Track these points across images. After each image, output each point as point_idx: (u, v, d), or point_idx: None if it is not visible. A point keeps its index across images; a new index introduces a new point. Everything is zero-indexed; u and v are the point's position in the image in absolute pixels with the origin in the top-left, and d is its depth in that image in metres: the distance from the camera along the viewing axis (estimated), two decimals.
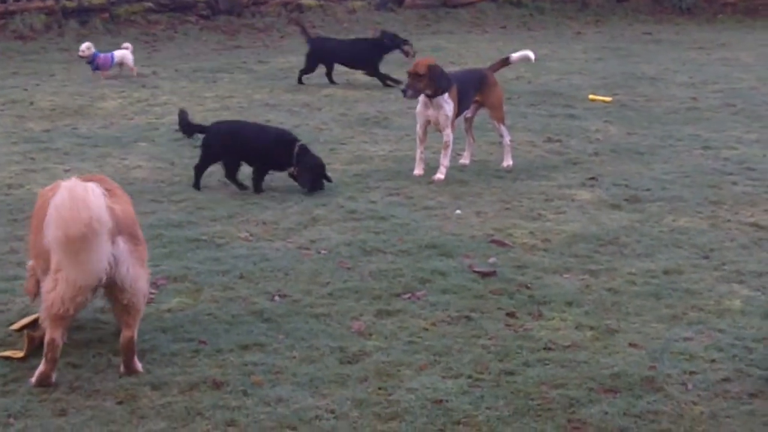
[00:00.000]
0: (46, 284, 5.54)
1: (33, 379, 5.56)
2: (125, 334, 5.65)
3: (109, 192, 5.60)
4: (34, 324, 6.17)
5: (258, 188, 9.32)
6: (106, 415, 5.18)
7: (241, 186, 9.37)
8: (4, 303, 6.73)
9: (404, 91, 9.75)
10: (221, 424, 5.10)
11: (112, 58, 15.05)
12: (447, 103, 9.70)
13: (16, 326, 6.27)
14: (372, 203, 8.98)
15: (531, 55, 10.80)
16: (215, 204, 8.89)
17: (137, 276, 5.58)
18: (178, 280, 7.07)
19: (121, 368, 5.69)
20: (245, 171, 9.42)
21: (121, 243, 5.51)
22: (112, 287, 5.56)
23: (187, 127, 9.74)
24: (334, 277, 7.19)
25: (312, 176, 9.21)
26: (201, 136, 9.65)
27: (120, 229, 5.52)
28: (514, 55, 10.68)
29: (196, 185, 9.39)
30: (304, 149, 9.32)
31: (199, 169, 9.45)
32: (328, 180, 9.32)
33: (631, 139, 11.40)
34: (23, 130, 11.57)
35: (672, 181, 9.66)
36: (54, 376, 5.56)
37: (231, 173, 9.40)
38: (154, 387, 5.50)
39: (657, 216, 8.60)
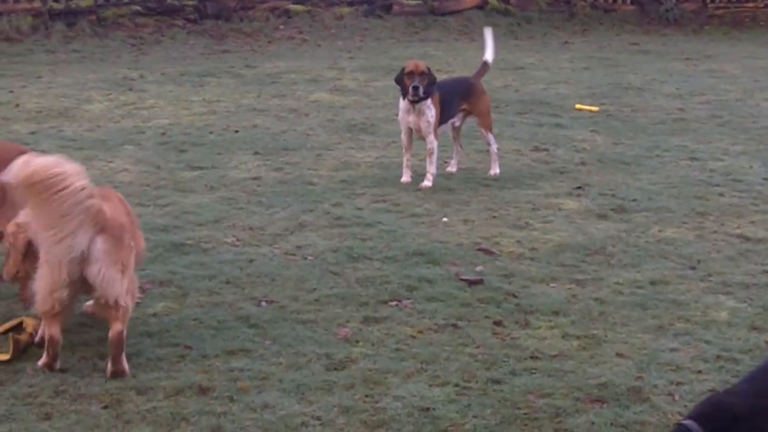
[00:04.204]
0: (34, 285, 5.66)
1: (39, 363, 5.71)
2: (115, 327, 5.66)
3: (103, 197, 5.75)
4: (18, 327, 6.14)
5: None
6: (91, 420, 5.15)
7: None
8: None
9: (416, 88, 9.57)
10: (207, 430, 5.07)
11: None
12: (429, 109, 9.69)
13: (0, 329, 6.23)
14: (359, 210, 8.96)
15: (488, 35, 10.76)
16: (201, 208, 8.86)
17: (111, 278, 5.58)
18: (164, 285, 7.03)
19: (109, 366, 5.68)
20: None
21: (99, 242, 5.53)
22: (87, 285, 5.62)
23: None
24: (321, 283, 7.17)
25: None
26: None
27: (102, 228, 5.54)
28: (488, 56, 10.62)
29: None
30: None
31: None
32: None
33: (617, 149, 11.41)
34: (8, 132, 11.51)
35: (658, 192, 9.66)
36: (58, 365, 5.68)
37: None
38: (140, 392, 5.47)
39: (643, 226, 8.61)
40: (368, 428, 5.15)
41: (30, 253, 6.04)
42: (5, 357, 5.82)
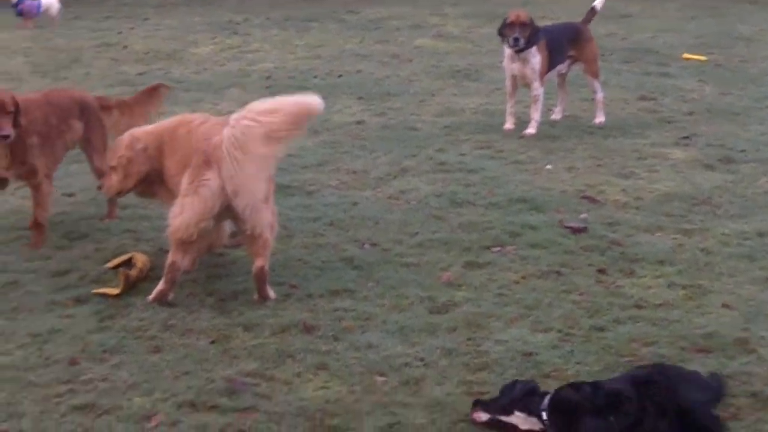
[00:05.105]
0: (173, 209, 5.75)
1: (151, 296, 5.84)
2: (257, 263, 5.85)
3: None
4: (129, 262, 6.26)
5: None
6: (200, 354, 5.25)
7: None
8: (100, 242, 6.85)
9: (516, 40, 9.52)
10: (312, 367, 5.14)
11: (39, 6, 14.86)
12: (534, 57, 9.60)
13: (110, 264, 6.37)
14: (462, 156, 8.95)
15: None
16: (305, 152, 8.92)
17: (258, 208, 5.71)
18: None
19: (255, 296, 5.89)
20: None
21: None
22: (235, 217, 5.76)
23: None
24: (424, 227, 7.19)
25: None
26: None
27: None
28: (597, 1, 10.43)
29: None
30: None
31: None
32: None
33: (726, 100, 11.21)
34: (118, 73, 11.70)
35: (767, 143, 9.47)
36: (171, 296, 5.84)
37: None
38: (246, 328, 5.55)
39: (751, 177, 8.46)
40: (470, 371, 5.16)
41: (144, 179, 6.20)
42: (115, 291, 5.95)
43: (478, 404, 4.70)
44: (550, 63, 9.78)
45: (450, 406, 4.75)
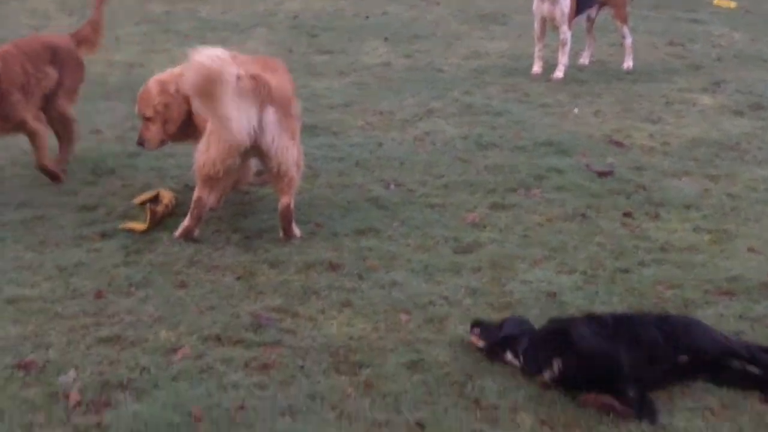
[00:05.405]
0: (200, 146, 5.75)
1: (177, 232, 5.86)
2: (282, 201, 5.86)
3: (270, 70, 5.81)
4: (155, 199, 6.28)
5: None
6: (225, 289, 5.28)
7: None
8: (126, 178, 6.88)
9: None
10: (337, 304, 5.16)
11: None
12: None
13: (137, 200, 6.40)
14: (488, 99, 8.92)
15: None
16: (332, 92, 8.91)
17: (284, 146, 5.69)
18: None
19: (281, 233, 5.89)
20: None
21: (271, 113, 5.60)
22: (261, 154, 5.73)
23: None
24: (449, 169, 7.18)
25: None
26: None
27: (272, 99, 5.60)
28: None
29: None
30: None
31: None
32: None
33: (755, 46, 11.11)
34: (145, 13, 11.66)
35: None
36: (197, 232, 5.86)
37: None
38: (272, 265, 5.58)
39: None
40: (494, 310, 5.17)
41: (184, 121, 6.20)
42: (142, 227, 5.98)
43: (477, 326, 4.77)
44: (579, 7, 9.71)
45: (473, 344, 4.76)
